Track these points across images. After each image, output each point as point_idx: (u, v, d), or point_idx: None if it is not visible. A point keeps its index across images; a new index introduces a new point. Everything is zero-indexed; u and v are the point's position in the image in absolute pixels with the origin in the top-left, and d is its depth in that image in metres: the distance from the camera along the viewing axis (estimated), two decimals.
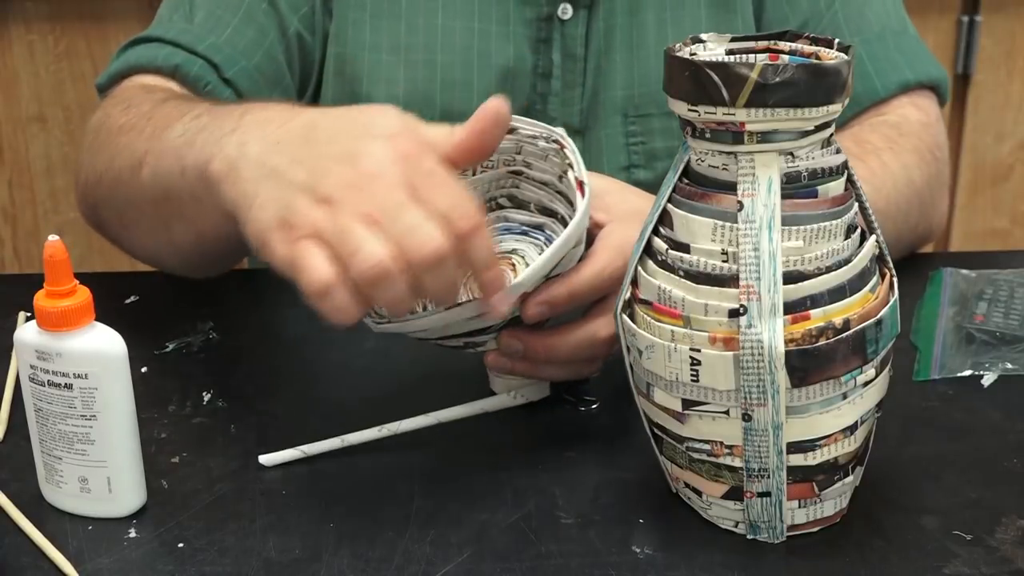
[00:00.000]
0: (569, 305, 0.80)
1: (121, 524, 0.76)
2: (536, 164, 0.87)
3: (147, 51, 1.06)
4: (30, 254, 1.90)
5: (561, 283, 0.79)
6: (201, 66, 1.04)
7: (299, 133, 0.75)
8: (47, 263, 0.72)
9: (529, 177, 0.89)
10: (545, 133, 0.84)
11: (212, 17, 1.06)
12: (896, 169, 1.04)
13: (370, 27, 1.08)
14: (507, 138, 0.86)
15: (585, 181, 0.79)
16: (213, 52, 1.05)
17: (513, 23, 1.08)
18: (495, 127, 0.75)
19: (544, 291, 0.79)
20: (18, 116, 1.83)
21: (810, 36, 0.73)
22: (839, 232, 0.70)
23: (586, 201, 0.78)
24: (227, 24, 1.06)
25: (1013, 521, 0.75)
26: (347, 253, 0.69)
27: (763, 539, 0.74)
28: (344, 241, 0.69)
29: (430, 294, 0.72)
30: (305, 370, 0.94)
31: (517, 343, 0.82)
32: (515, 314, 0.80)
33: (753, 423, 0.70)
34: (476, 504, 0.77)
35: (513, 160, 0.88)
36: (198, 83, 1.04)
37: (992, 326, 0.96)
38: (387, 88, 1.08)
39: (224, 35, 1.06)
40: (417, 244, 0.69)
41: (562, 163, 0.84)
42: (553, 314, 0.81)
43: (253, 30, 1.06)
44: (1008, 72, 1.90)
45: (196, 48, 1.04)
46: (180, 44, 1.05)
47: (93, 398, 0.73)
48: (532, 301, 0.79)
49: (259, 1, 1.07)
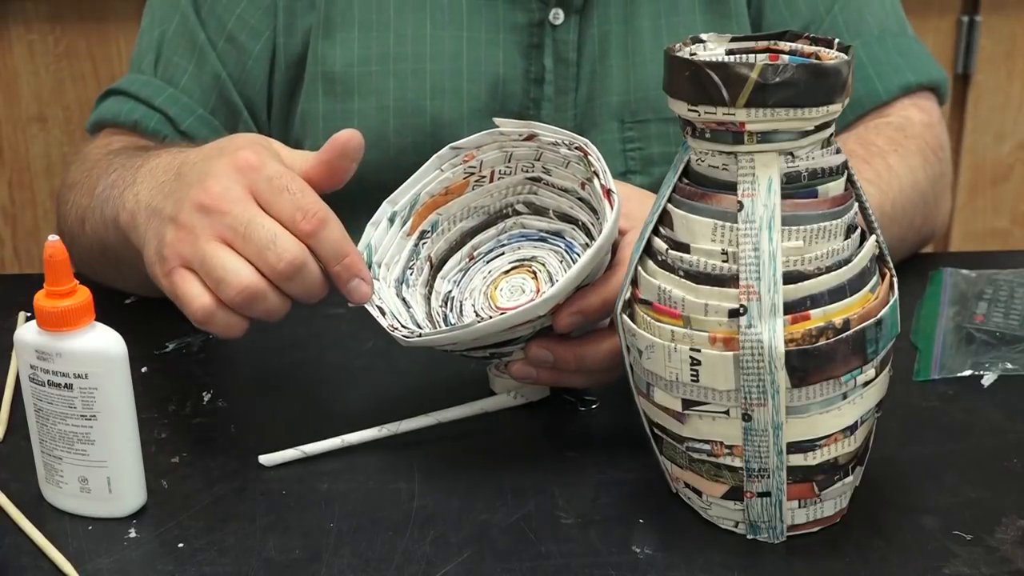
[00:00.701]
0: (602, 314, 0.81)
1: (121, 524, 0.76)
2: (556, 171, 0.87)
3: (114, 105, 1.11)
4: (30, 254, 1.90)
5: (594, 292, 0.80)
6: (158, 120, 1.09)
7: (175, 173, 0.83)
8: (47, 263, 0.72)
9: (548, 183, 0.88)
10: (567, 140, 0.84)
11: (171, 65, 1.11)
12: (902, 172, 1.04)
13: (358, 41, 1.08)
14: (526, 144, 0.86)
15: (613, 190, 0.79)
16: (169, 104, 1.09)
17: (503, 29, 1.08)
18: (341, 158, 0.81)
19: (577, 301, 0.79)
20: (18, 116, 1.83)
21: (810, 36, 0.73)
22: (839, 232, 0.70)
23: (616, 211, 0.78)
24: (183, 71, 1.11)
25: (1013, 521, 0.75)
26: (214, 282, 0.76)
27: (763, 539, 0.74)
28: (209, 270, 0.76)
29: (298, 296, 0.78)
30: (305, 370, 0.94)
31: (546, 353, 0.82)
32: (544, 325, 0.80)
33: (753, 423, 0.70)
34: (476, 504, 0.77)
35: (532, 167, 0.88)
36: (155, 137, 1.08)
37: (992, 326, 0.96)
38: (377, 99, 1.08)
39: (181, 83, 1.10)
40: (274, 259, 0.75)
41: (587, 170, 0.83)
42: (586, 324, 0.81)
43: (207, 74, 1.10)
44: (1008, 72, 1.90)
45: (153, 102, 1.09)
46: (139, 98, 1.10)
47: (93, 398, 0.73)
48: (566, 311, 0.79)
49: (214, 42, 1.10)
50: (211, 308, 0.76)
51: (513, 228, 0.90)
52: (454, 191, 0.89)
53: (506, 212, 0.90)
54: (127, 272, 0.96)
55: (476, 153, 0.87)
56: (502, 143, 0.87)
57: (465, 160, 0.88)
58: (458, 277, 0.90)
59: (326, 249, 0.77)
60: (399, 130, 1.08)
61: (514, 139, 0.86)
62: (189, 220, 0.77)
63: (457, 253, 0.90)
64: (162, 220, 0.79)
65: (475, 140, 0.87)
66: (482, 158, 0.88)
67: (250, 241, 0.75)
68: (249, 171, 0.77)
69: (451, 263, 0.90)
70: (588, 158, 0.82)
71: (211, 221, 0.76)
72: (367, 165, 1.09)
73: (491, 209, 0.90)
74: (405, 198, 0.88)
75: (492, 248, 0.90)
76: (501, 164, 0.88)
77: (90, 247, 0.98)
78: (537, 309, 0.77)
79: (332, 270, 0.78)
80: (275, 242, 0.75)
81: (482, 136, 0.87)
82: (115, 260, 0.95)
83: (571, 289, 0.78)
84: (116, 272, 0.99)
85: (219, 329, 0.77)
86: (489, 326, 0.77)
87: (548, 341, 0.82)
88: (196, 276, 0.77)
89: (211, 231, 0.76)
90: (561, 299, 0.78)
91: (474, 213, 0.90)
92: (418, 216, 0.89)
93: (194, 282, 0.77)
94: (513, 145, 0.87)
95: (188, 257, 0.77)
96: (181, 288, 0.77)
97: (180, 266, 0.77)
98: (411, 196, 0.88)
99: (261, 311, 0.77)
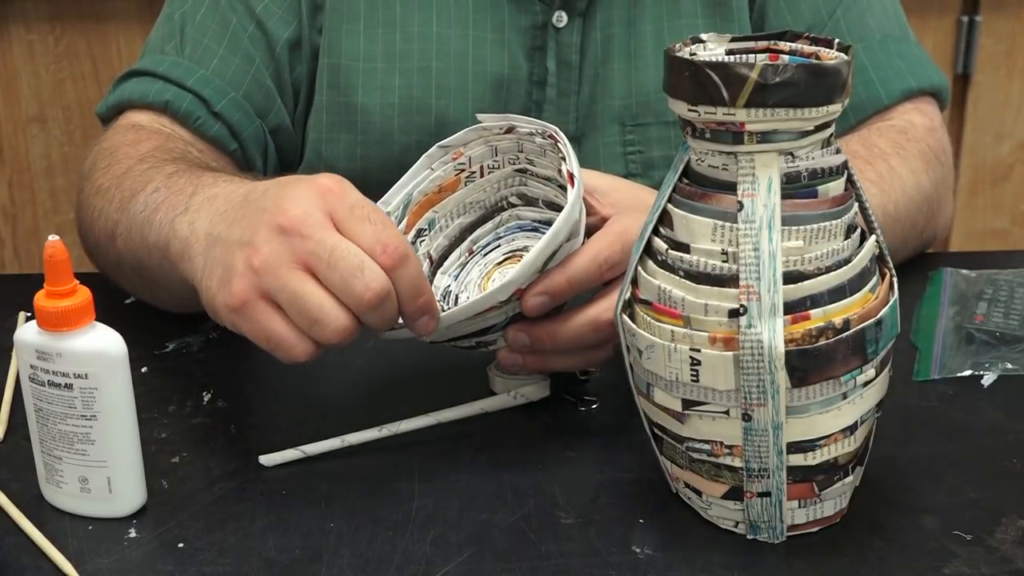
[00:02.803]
0: (569, 293, 0.81)
1: (121, 524, 0.76)
2: (538, 160, 0.88)
3: (139, 86, 1.08)
4: (30, 254, 1.90)
5: (558, 271, 0.80)
6: (190, 101, 1.06)
7: (238, 200, 0.79)
8: (47, 263, 0.72)
9: (534, 174, 0.89)
10: (539, 129, 0.85)
11: (200, 47, 1.08)
12: (904, 174, 1.04)
13: (364, 36, 1.08)
14: (507, 137, 0.87)
15: (575, 174, 0.80)
16: (202, 86, 1.06)
17: (508, 30, 1.09)
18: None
19: (541, 281, 0.79)
20: (18, 116, 1.83)
21: (810, 36, 0.73)
22: (839, 232, 0.70)
23: (575, 193, 0.78)
24: (214, 54, 1.08)
25: (1013, 521, 0.75)
26: (306, 322, 0.73)
27: (763, 539, 0.74)
28: (302, 309, 0.73)
29: (372, 326, 0.75)
30: (305, 370, 0.94)
31: (523, 335, 0.82)
32: (515, 311, 0.80)
33: (753, 423, 0.70)
34: (476, 504, 0.77)
35: (517, 158, 0.89)
36: (188, 118, 1.05)
37: (992, 326, 0.96)
38: (382, 96, 1.08)
39: (212, 65, 1.07)
40: (361, 289, 0.72)
41: (557, 157, 0.84)
42: (555, 304, 0.81)
43: (240, 58, 1.08)
44: (1008, 72, 1.90)
45: (185, 83, 1.06)
46: (170, 79, 1.07)
47: (93, 398, 0.73)
48: (530, 292, 0.79)
49: (244, 26, 1.08)
50: (313, 352, 0.75)
51: (509, 220, 0.91)
52: (447, 188, 0.90)
53: (501, 205, 0.91)
54: (157, 290, 0.95)
55: (464, 150, 0.89)
56: (487, 138, 0.88)
57: (454, 157, 0.89)
58: (457, 271, 0.91)
59: (405, 285, 0.75)
60: (403, 128, 1.09)
61: (496, 133, 0.88)
62: (267, 245, 0.73)
63: (457, 249, 0.91)
64: (228, 246, 0.76)
65: (461, 137, 0.88)
66: (470, 154, 0.89)
67: (335, 269, 0.72)
68: (330, 196, 0.74)
69: (451, 259, 0.91)
70: (558, 144, 0.83)
71: (292, 246, 0.73)
72: (371, 161, 1.10)
73: (487, 203, 0.91)
74: (398, 198, 0.89)
75: (490, 241, 0.91)
76: (489, 158, 0.89)
77: (119, 262, 0.96)
78: (497, 295, 0.77)
79: (407, 307, 0.76)
80: (363, 271, 0.72)
81: (467, 132, 0.88)
82: (150, 281, 0.93)
83: (531, 273, 0.78)
84: (145, 287, 0.97)
85: (301, 361, 0.76)
86: (452, 315, 0.77)
87: (523, 324, 0.82)
88: (278, 312, 0.74)
89: (292, 257, 0.73)
90: (522, 283, 0.78)
91: (471, 208, 0.91)
92: (413, 215, 0.89)
93: (280, 322, 0.74)
94: (496, 139, 0.88)
95: (271, 290, 0.73)
96: (266, 327, 0.74)
97: (259, 299, 0.74)
98: (404, 196, 0.89)
99: (340, 341, 0.75)
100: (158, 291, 0.95)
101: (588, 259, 0.81)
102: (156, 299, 0.98)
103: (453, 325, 0.79)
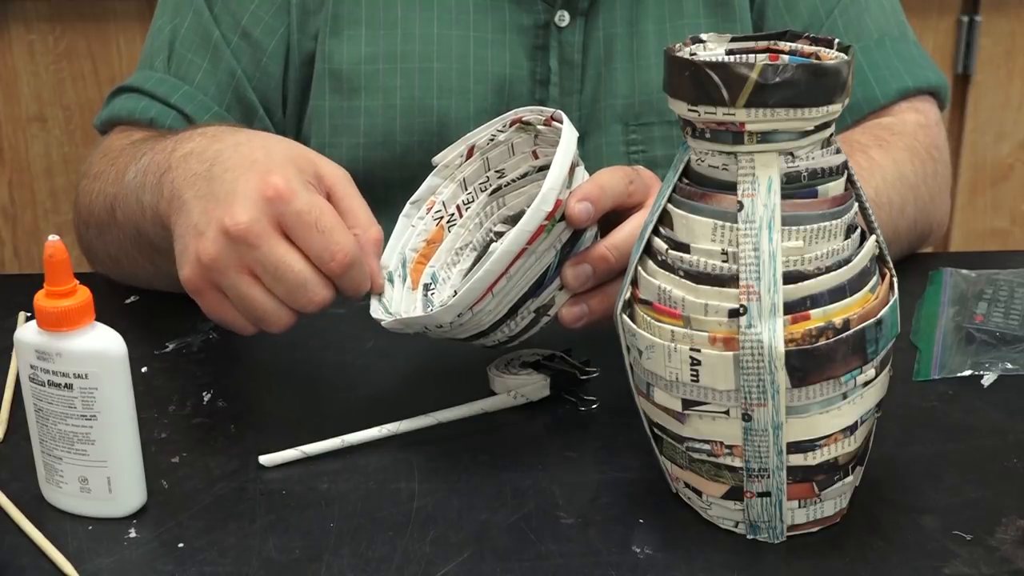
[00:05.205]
0: (604, 200, 0.80)
1: (121, 524, 0.76)
2: (507, 165, 0.88)
3: (128, 102, 1.10)
4: (30, 254, 1.90)
5: (588, 182, 0.80)
6: (174, 117, 1.08)
7: (204, 171, 0.83)
8: (47, 263, 0.72)
9: (508, 183, 0.89)
10: (498, 125, 0.85)
11: (184, 62, 1.10)
12: (885, 163, 1.04)
13: (365, 39, 1.08)
14: (468, 163, 0.88)
15: (554, 115, 0.81)
16: (185, 102, 1.08)
17: (509, 30, 1.09)
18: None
19: (574, 193, 0.79)
20: (18, 116, 1.83)
21: (810, 36, 0.73)
22: (839, 232, 0.70)
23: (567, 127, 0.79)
24: (197, 68, 1.10)
25: (1013, 521, 0.75)
26: (254, 319, 0.81)
27: (763, 539, 0.74)
28: (247, 308, 0.80)
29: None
30: (305, 370, 0.94)
31: (583, 265, 0.81)
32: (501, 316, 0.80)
33: (753, 423, 0.70)
34: (476, 504, 0.77)
35: (486, 180, 0.89)
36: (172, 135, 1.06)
37: (992, 326, 0.96)
38: (384, 97, 1.08)
39: (196, 80, 1.10)
40: (304, 302, 0.79)
41: (529, 137, 0.84)
42: (597, 213, 0.80)
43: (222, 71, 1.10)
44: (1008, 72, 1.90)
45: (169, 100, 1.08)
46: (156, 96, 1.09)
47: (93, 398, 0.73)
48: (572, 200, 0.79)
49: (228, 38, 1.10)
50: (253, 331, 0.82)
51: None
52: (434, 240, 0.90)
53: (489, 238, 0.91)
54: (157, 258, 0.95)
55: (435, 198, 0.89)
56: (450, 173, 0.89)
57: (429, 208, 0.90)
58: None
59: (348, 287, 0.81)
60: (406, 129, 1.09)
61: (457, 163, 0.89)
62: (215, 245, 0.78)
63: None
64: (187, 226, 0.81)
65: (426, 187, 0.90)
66: (442, 199, 0.89)
67: (280, 282, 0.79)
68: (278, 202, 0.78)
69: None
70: (523, 119, 0.83)
71: (239, 253, 0.78)
72: (373, 163, 1.10)
73: (476, 243, 0.91)
74: (393, 259, 0.89)
75: None
76: (460, 195, 0.90)
77: (120, 233, 0.98)
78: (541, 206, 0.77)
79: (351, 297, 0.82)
80: (305, 286, 0.79)
81: (430, 180, 0.89)
82: (149, 247, 0.95)
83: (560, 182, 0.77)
84: (146, 258, 0.98)
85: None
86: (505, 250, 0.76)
87: (577, 257, 0.81)
88: (228, 300, 0.81)
89: (240, 262, 0.78)
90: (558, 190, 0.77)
91: (463, 253, 0.91)
92: (414, 272, 0.90)
93: (231, 310, 0.81)
94: (459, 169, 0.89)
95: (220, 286, 0.80)
96: (218, 314, 0.82)
97: (210, 289, 0.80)
98: (398, 257, 0.89)
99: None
100: (156, 257, 0.95)
101: (611, 170, 0.82)
102: (156, 269, 0.98)
103: (510, 282, 0.78)
